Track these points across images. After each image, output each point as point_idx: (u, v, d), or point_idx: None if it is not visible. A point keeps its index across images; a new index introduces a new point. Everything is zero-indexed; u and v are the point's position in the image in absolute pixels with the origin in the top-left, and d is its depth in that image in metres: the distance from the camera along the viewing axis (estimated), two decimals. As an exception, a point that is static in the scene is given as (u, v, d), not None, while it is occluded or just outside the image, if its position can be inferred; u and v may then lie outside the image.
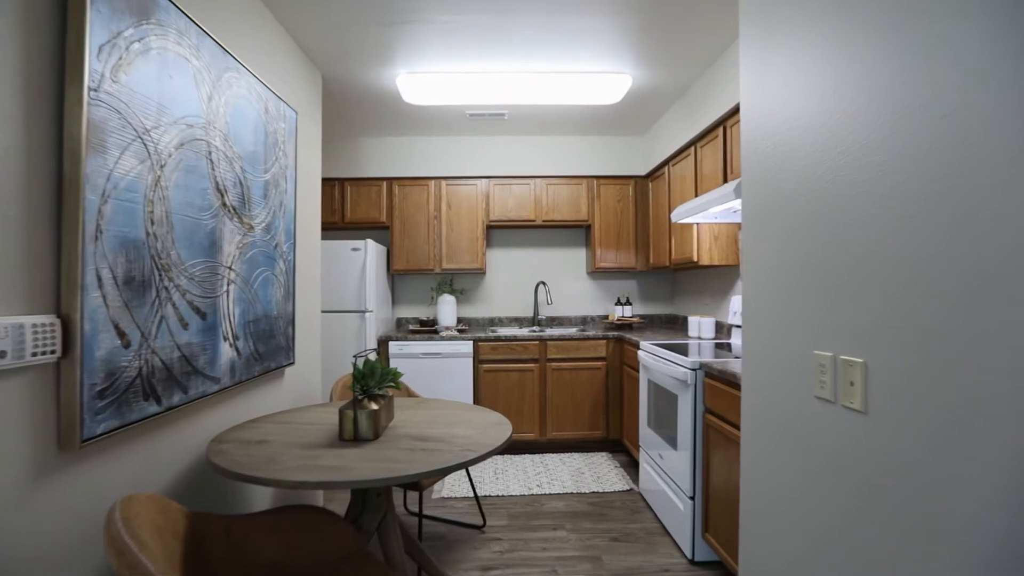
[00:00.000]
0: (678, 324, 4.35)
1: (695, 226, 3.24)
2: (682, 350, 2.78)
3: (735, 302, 3.10)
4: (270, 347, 2.26)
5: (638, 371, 3.37)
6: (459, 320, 4.58)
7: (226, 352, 1.88)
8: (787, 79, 1.37)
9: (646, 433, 3.05)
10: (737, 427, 2.01)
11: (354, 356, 1.68)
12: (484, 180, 4.27)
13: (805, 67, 1.29)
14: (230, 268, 1.90)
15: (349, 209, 4.28)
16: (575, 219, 4.25)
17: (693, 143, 3.26)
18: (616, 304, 4.32)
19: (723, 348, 2.88)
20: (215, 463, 1.48)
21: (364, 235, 4.62)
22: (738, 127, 2.67)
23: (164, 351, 1.52)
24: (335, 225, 4.31)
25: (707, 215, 2.96)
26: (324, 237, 4.57)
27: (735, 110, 2.68)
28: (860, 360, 1.10)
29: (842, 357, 1.15)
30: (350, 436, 1.69)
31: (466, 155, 4.28)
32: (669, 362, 2.65)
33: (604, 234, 4.25)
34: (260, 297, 2.16)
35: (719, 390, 2.17)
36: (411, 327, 4.25)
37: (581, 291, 4.60)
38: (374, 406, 1.73)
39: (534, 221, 4.25)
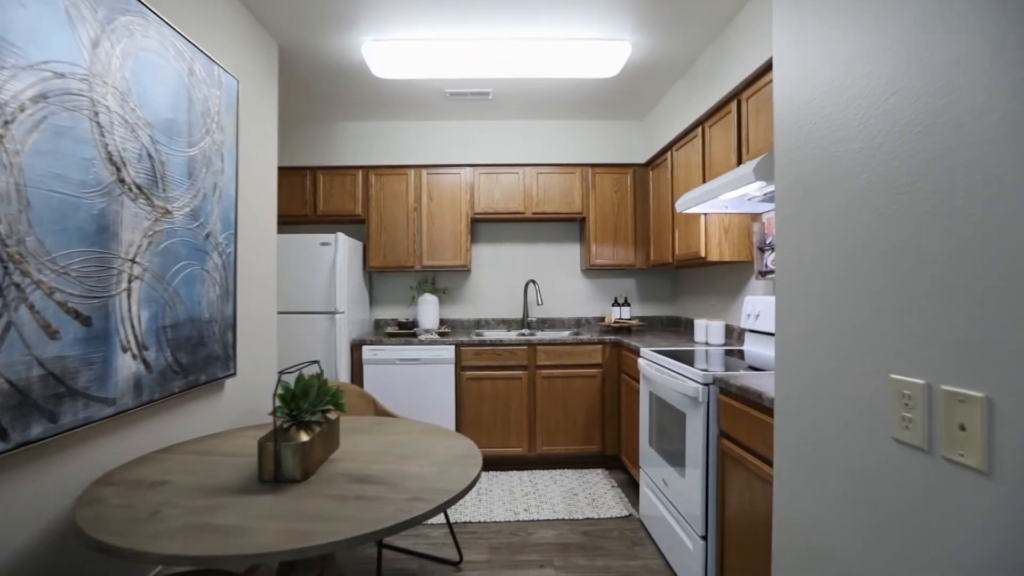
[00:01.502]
0: (681, 327, 3.99)
1: (702, 217, 2.87)
2: (688, 359, 2.41)
3: (749, 303, 2.73)
4: (198, 357, 1.88)
5: (638, 381, 3.00)
6: (442, 322, 4.20)
7: (126, 366, 1.50)
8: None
9: (647, 453, 2.68)
10: (761, 457, 1.64)
11: (280, 373, 1.27)
12: (468, 168, 3.89)
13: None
14: (133, 261, 1.53)
15: (321, 200, 3.90)
16: (568, 211, 3.88)
17: (700, 123, 2.90)
18: (613, 305, 3.95)
19: (734, 356, 2.52)
20: (79, 522, 1.10)
21: (338, 229, 4.24)
22: (756, 99, 2.30)
23: (13, 369, 1.14)
24: (306, 218, 3.93)
25: (717, 204, 2.59)
26: (295, 231, 4.20)
27: (754, 78, 2.31)
28: (979, 395, 0.73)
29: (944, 388, 0.78)
30: (270, 476, 1.31)
31: (448, 141, 3.90)
32: (676, 374, 2.28)
33: (600, 228, 3.88)
34: (183, 297, 1.79)
35: (737, 411, 1.80)
36: (389, 330, 3.87)
37: (575, 290, 4.23)
38: (304, 437, 1.35)
39: (523, 214, 3.88)
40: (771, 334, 2.53)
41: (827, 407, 1.07)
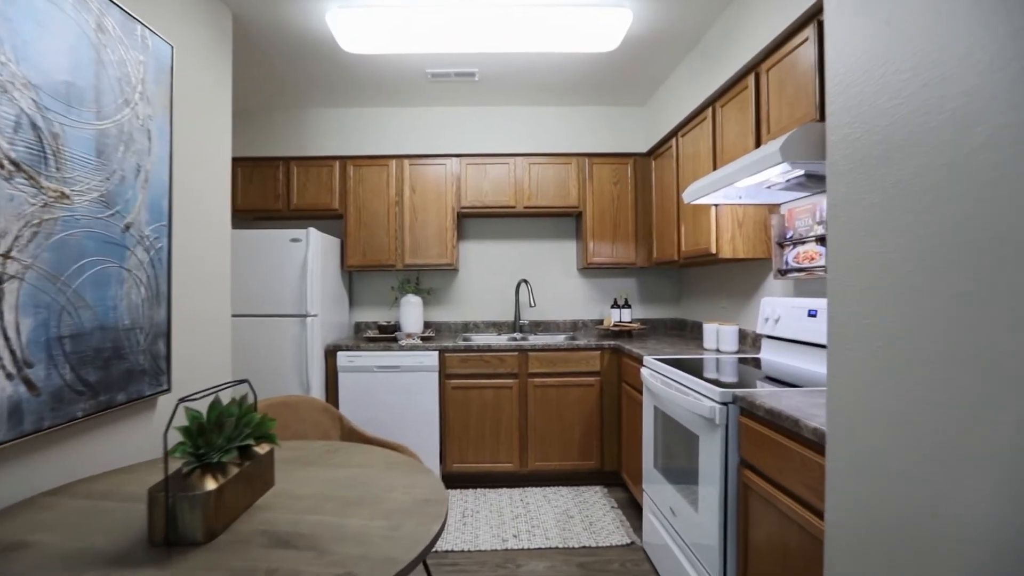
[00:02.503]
0: (687, 331, 3.67)
1: (713, 210, 2.56)
2: (696, 369, 2.10)
3: (766, 306, 2.42)
4: (114, 372, 1.56)
5: (641, 392, 2.68)
6: (427, 325, 3.89)
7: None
8: None
9: (652, 475, 2.37)
10: (800, 500, 1.32)
11: (181, 400, 0.94)
12: (454, 159, 3.57)
13: None
14: (5, 256, 1.21)
15: (296, 194, 3.58)
16: (563, 205, 3.56)
17: (711, 103, 2.58)
18: (612, 307, 3.64)
19: (749, 364, 2.20)
20: None
21: (314, 225, 3.93)
22: (779, 70, 1.99)
23: None
24: (279, 213, 3.61)
25: (730, 193, 2.28)
26: (267, 227, 3.88)
27: (776, 45, 2.00)
28: None
29: None
30: (161, 539, 0.99)
31: (433, 129, 3.58)
32: (686, 389, 1.97)
33: (598, 223, 3.56)
34: (90, 301, 1.47)
35: (764, 438, 1.49)
36: (368, 334, 3.55)
37: (570, 291, 3.91)
38: (210, 484, 1.03)
39: (514, 208, 3.56)
40: (794, 341, 2.22)
41: (918, 454, 0.75)
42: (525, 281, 3.63)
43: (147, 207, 1.71)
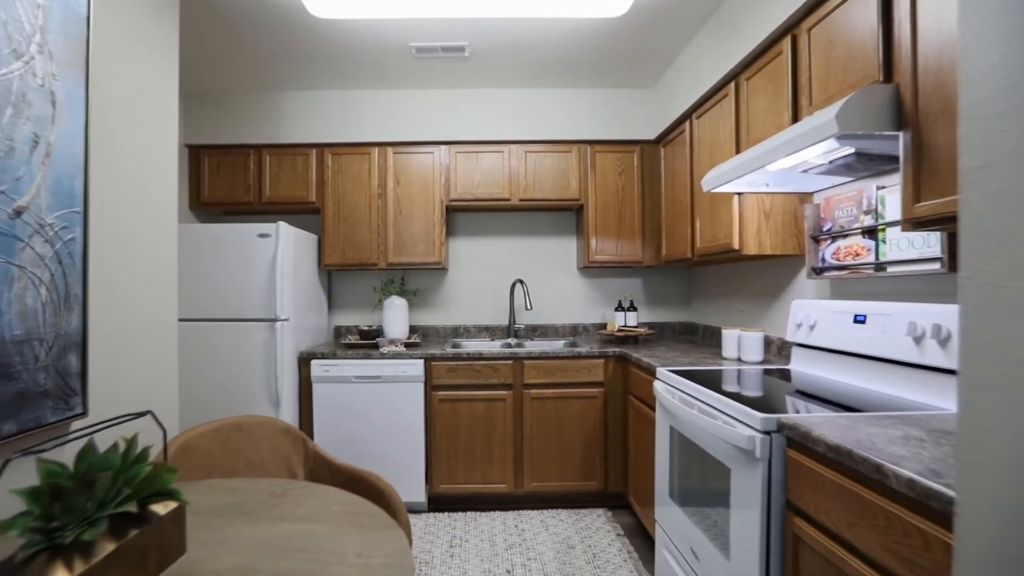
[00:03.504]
0: (699, 336, 3.35)
1: (735, 200, 2.24)
2: (714, 382, 1.78)
3: (798, 309, 2.10)
4: (3, 394, 1.23)
5: (652, 408, 2.36)
6: (413, 329, 3.55)
7: None
8: None
9: (667, 506, 2.05)
10: (878, 567, 1.00)
11: (21, 452, 0.60)
12: (443, 147, 3.25)
13: None
14: None
15: (268, 185, 3.25)
16: (563, 198, 3.24)
17: (733, 77, 2.27)
18: (617, 309, 3.31)
19: (775, 376, 1.88)
20: None
21: (289, 220, 3.59)
22: (824, 27, 1.67)
23: None
24: (250, 207, 3.27)
25: (756, 180, 1.97)
26: (235, 221, 3.54)
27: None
28: None
29: None
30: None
31: (419, 114, 3.25)
32: (714, 411, 1.64)
33: (601, 217, 3.24)
34: (-42, 306, 1.13)
35: (824, 480, 1.16)
36: (346, 340, 3.22)
37: (570, 292, 3.59)
38: (59, 574, 0.70)
39: (509, 201, 3.24)
40: (834, 351, 1.90)
41: None
42: (521, 281, 3.30)
43: (50, 189, 1.37)
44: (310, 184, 3.24)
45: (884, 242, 1.76)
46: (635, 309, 3.27)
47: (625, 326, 3.25)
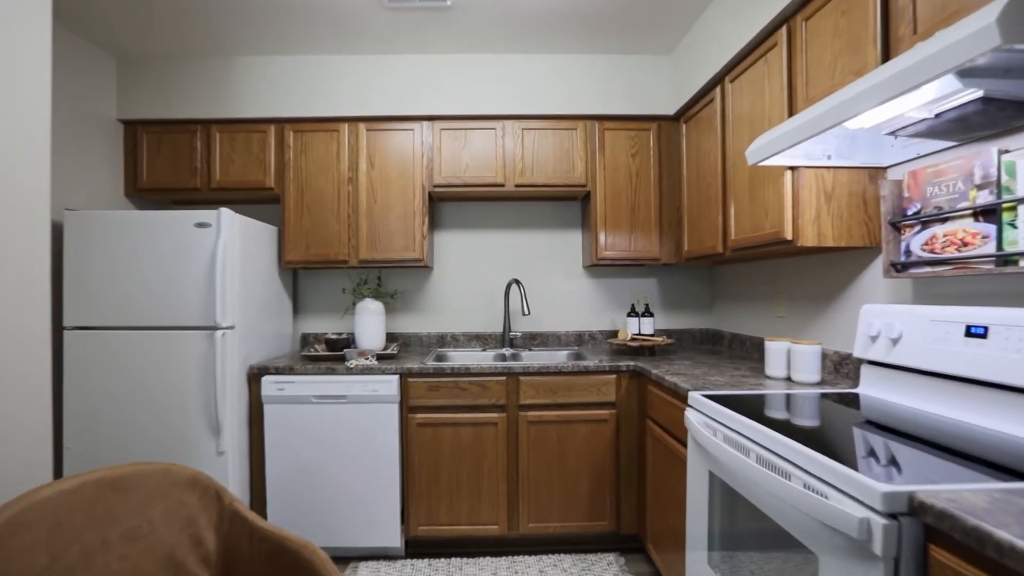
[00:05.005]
0: (724, 346, 2.86)
1: (787, 178, 1.75)
2: (772, 415, 1.28)
3: (872, 317, 1.61)
4: None
5: (678, 438, 1.87)
6: (391, 338, 3.06)
7: None
8: None
9: (701, 566, 1.55)
10: None
11: None
12: (425, 123, 2.76)
13: None
14: None
15: (218, 167, 2.76)
16: (566, 183, 2.75)
17: (785, 20, 1.79)
18: (629, 314, 2.82)
19: (832, 400, 1.39)
20: None
21: (245, 209, 3.10)
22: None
23: None
24: (197, 194, 2.78)
25: (814, 150, 1.51)
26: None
27: None
28: None
29: None
30: None
31: (397, 84, 2.76)
32: (784, 463, 1.15)
33: (611, 206, 2.75)
34: None
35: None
36: (314, 349, 2.73)
37: (575, 294, 3.09)
38: None
39: (503, 187, 2.75)
40: (932, 374, 1.41)
41: None
42: (517, 282, 2.81)
43: None
44: (268, 167, 2.75)
45: (1014, 226, 1.27)
46: (651, 314, 2.78)
47: (639, 334, 2.76)
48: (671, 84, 2.76)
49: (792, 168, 1.74)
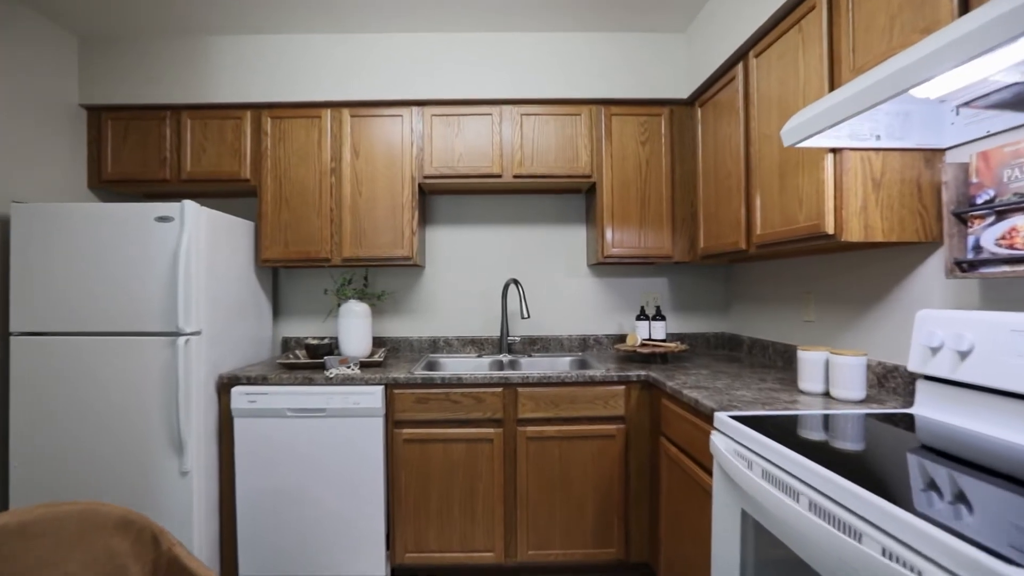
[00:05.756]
0: (743, 352, 2.61)
1: (828, 162, 1.51)
2: (795, 435, 1.03)
3: (930, 324, 1.36)
4: None
5: (700, 462, 1.62)
6: (380, 343, 2.82)
7: None
8: None
9: (735, 631, 1.31)
10: None
11: None
12: (414, 108, 2.52)
13: None
14: None
15: (189, 158, 2.52)
16: (569, 174, 2.51)
17: (828, -25, 1.54)
18: (639, 317, 2.58)
19: (894, 426, 1.15)
20: None
21: (218, 204, 2.86)
22: None
23: None
24: (166, 186, 2.55)
25: (861, 129, 1.28)
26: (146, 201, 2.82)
27: None
28: None
29: None
30: None
31: (384, 65, 2.52)
32: (853, 517, 0.90)
33: (619, 199, 2.51)
34: None
35: None
36: (293, 356, 2.50)
37: (579, 295, 2.85)
38: None
39: (500, 178, 2.51)
40: (1009, 394, 1.17)
41: None
42: (516, 282, 2.57)
43: None
44: (243, 156, 2.51)
45: None
46: (662, 317, 2.53)
47: (650, 339, 2.52)
48: (685, 65, 2.51)
49: (834, 151, 1.50)
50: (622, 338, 2.81)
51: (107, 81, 2.51)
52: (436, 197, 2.84)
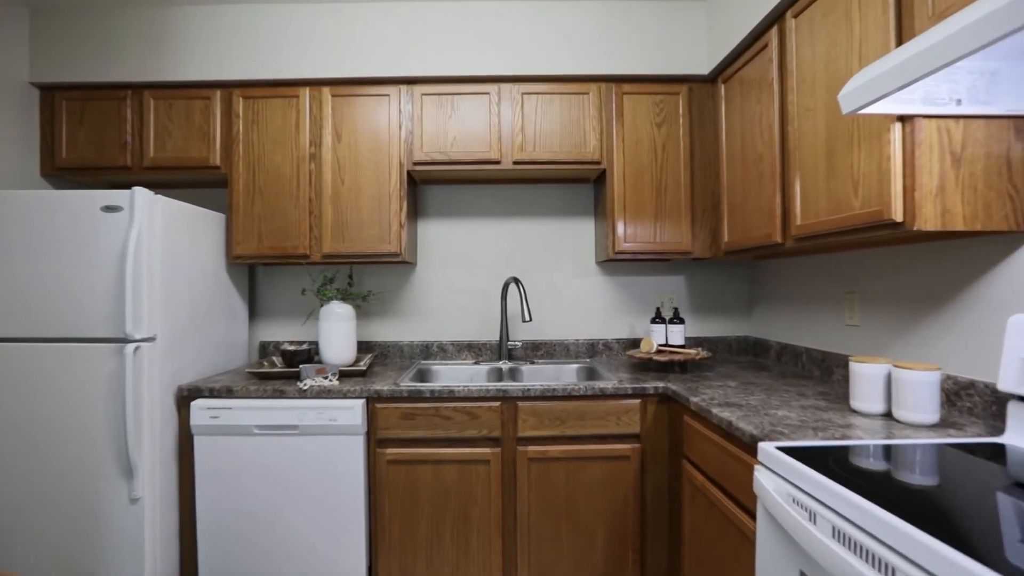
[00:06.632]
0: (770, 359, 2.34)
1: (895, 133, 1.23)
2: (869, 477, 0.76)
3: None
4: None
5: (736, 500, 1.35)
6: (366, 348, 2.56)
7: None
8: None
9: None
10: None
11: None
12: (403, 87, 2.25)
13: None
14: None
15: (153, 142, 2.26)
16: (576, 160, 2.24)
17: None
18: (654, 320, 2.30)
19: (960, 450, 0.88)
20: None
21: (187, 196, 2.60)
22: None
23: None
24: (127, 173, 2.29)
25: (938, 91, 1.02)
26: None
27: None
28: None
29: None
30: None
31: (369, 39, 2.26)
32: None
33: (631, 188, 2.24)
34: None
35: None
36: (265, 364, 2.24)
37: (586, 295, 2.58)
38: None
39: (499, 164, 2.24)
40: None
41: None
42: (516, 281, 2.30)
43: None
44: (212, 140, 2.25)
45: None
46: (681, 320, 2.26)
47: (667, 344, 2.24)
48: (705, 36, 2.24)
49: (903, 119, 1.22)
50: (635, 343, 2.54)
51: (61, 56, 2.26)
52: (428, 187, 2.58)
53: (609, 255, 2.24)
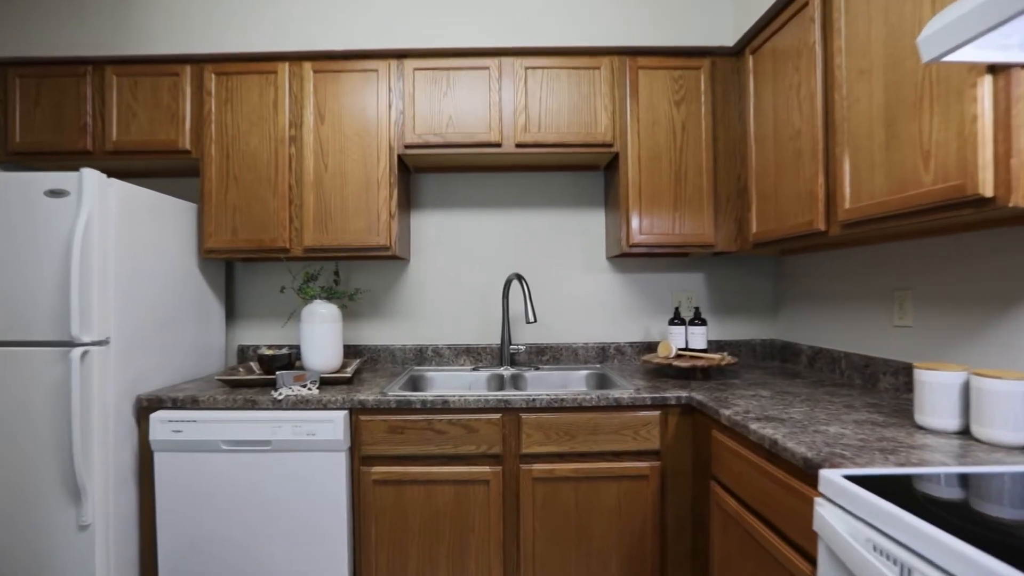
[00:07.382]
0: (802, 365, 2.10)
1: (984, 88, 1.00)
2: (964, 511, 0.53)
3: None
4: None
5: (784, 536, 1.12)
6: (355, 352, 2.33)
7: None
8: None
9: None
10: None
11: None
12: (393, 61, 2.03)
13: None
14: None
15: (116, 124, 2.04)
16: (586, 142, 2.01)
17: None
18: (673, 321, 2.08)
19: None
20: None
21: (157, 185, 2.38)
22: None
23: None
24: (88, 157, 2.07)
25: None
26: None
27: None
28: None
29: None
30: None
31: (355, 7, 2.04)
32: None
33: (647, 174, 2.01)
34: None
35: None
36: (241, 370, 2.02)
37: (597, 294, 2.35)
38: None
39: (499, 147, 2.02)
40: None
41: None
42: (520, 277, 2.08)
43: None
44: (181, 121, 2.03)
45: None
46: (702, 321, 2.03)
47: (687, 348, 2.02)
48: (731, 4, 2.01)
49: (994, 70, 1.00)
50: (651, 347, 2.31)
51: (14, 29, 2.04)
52: (423, 176, 2.35)
53: (623, 249, 2.01)
